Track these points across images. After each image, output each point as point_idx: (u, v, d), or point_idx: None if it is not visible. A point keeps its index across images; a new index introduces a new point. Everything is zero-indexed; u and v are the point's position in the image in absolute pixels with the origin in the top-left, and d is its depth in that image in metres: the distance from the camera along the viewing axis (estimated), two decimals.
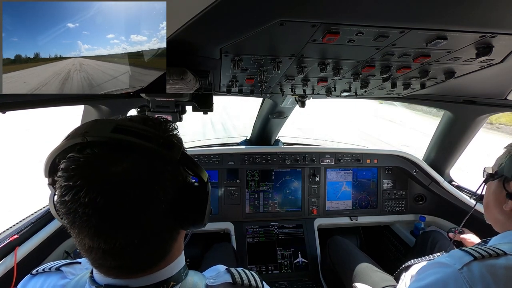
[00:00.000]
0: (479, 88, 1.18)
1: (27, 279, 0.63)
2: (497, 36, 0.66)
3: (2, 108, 0.84)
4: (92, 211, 0.42)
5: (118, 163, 0.44)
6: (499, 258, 0.67)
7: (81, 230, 0.44)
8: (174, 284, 0.53)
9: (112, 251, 0.45)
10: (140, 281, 0.51)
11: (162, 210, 0.48)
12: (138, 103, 1.39)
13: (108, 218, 0.43)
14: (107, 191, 0.43)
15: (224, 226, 2.06)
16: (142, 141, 0.46)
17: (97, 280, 0.51)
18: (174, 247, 0.55)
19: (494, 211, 0.84)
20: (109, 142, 0.45)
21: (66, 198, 0.42)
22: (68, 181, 0.42)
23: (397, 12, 0.57)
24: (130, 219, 0.44)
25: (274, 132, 2.20)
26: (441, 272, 0.69)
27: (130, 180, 0.44)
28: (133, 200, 0.44)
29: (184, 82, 0.81)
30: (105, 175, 0.43)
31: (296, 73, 0.98)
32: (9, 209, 4.07)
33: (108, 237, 0.44)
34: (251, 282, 0.61)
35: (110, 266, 0.48)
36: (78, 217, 0.42)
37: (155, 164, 0.47)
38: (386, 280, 1.39)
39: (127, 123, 0.48)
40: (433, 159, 2.08)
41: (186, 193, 0.51)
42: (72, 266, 0.64)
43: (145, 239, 0.47)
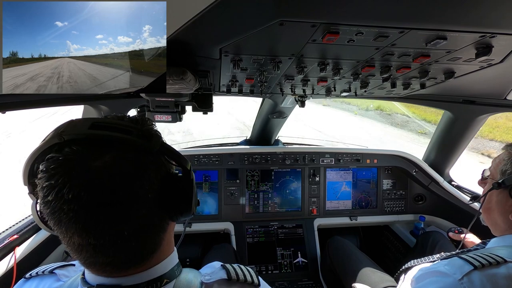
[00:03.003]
0: (479, 88, 1.18)
1: (21, 283, 0.63)
2: (497, 36, 0.66)
3: (2, 108, 0.84)
4: (78, 207, 0.41)
5: (99, 158, 0.43)
6: (499, 266, 0.66)
7: (69, 228, 0.43)
8: (167, 282, 0.53)
9: (103, 246, 0.45)
10: (132, 279, 0.50)
11: (148, 200, 0.47)
12: (138, 103, 1.39)
13: (94, 212, 0.42)
14: (90, 186, 0.42)
15: (224, 226, 2.06)
16: (121, 134, 0.46)
17: (88, 281, 0.51)
18: (164, 240, 0.54)
19: (498, 218, 0.82)
20: (88, 139, 0.45)
21: (49, 198, 0.42)
22: (50, 180, 0.42)
23: (397, 12, 0.57)
24: (117, 212, 0.44)
25: (274, 132, 2.21)
26: (441, 282, 0.68)
27: (113, 173, 0.44)
28: (118, 192, 0.44)
29: (184, 82, 0.81)
30: (87, 170, 0.42)
31: (296, 73, 0.98)
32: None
33: (96, 231, 0.43)
34: (246, 278, 0.60)
35: (102, 263, 0.47)
36: (64, 214, 0.42)
37: (136, 156, 0.47)
38: (386, 281, 1.39)
39: (104, 120, 0.49)
40: (433, 159, 2.09)
41: (170, 182, 0.51)
42: (66, 268, 0.63)
43: (134, 231, 0.46)
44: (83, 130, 0.46)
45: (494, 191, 0.83)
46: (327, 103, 15.11)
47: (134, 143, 0.47)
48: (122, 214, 0.44)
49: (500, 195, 0.82)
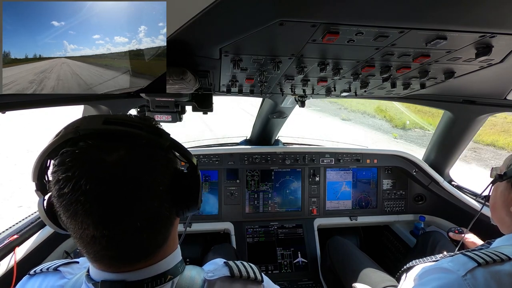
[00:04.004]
0: (479, 88, 1.18)
1: (25, 279, 0.63)
2: (497, 36, 0.66)
3: (2, 108, 0.84)
4: (95, 198, 0.43)
5: (114, 151, 0.45)
6: (503, 263, 0.66)
7: (85, 220, 0.43)
8: (171, 278, 0.54)
9: (116, 237, 0.45)
10: (137, 274, 0.50)
11: (160, 193, 0.49)
12: (138, 103, 1.39)
13: (111, 203, 0.44)
14: (107, 178, 0.43)
15: (224, 226, 2.06)
16: (133, 129, 0.48)
17: (93, 277, 0.51)
18: (171, 235, 0.56)
19: (501, 212, 0.83)
20: (102, 133, 0.47)
21: (65, 190, 0.42)
22: (66, 173, 0.43)
23: (397, 12, 0.57)
24: (133, 203, 0.45)
25: (274, 132, 2.21)
26: (444, 278, 0.68)
27: (128, 165, 0.45)
28: (133, 184, 0.45)
29: (184, 82, 0.81)
30: (103, 163, 0.44)
31: (296, 73, 0.98)
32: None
33: (112, 223, 0.44)
34: (249, 274, 0.61)
35: (112, 256, 0.48)
36: (81, 205, 0.42)
37: (149, 150, 0.49)
38: (387, 280, 1.39)
39: (116, 116, 0.50)
40: (433, 159, 2.09)
41: (179, 177, 0.54)
42: (70, 266, 0.64)
43: (147, 223, 0.48)
44: (97, 125, 0.47)
45: (499, 185, 0.85)
46: (347, 117, 11.86)
47: (146, 138, 0.49)
48: (137, 205, 0.46)
49: (503, 187, 0.83)
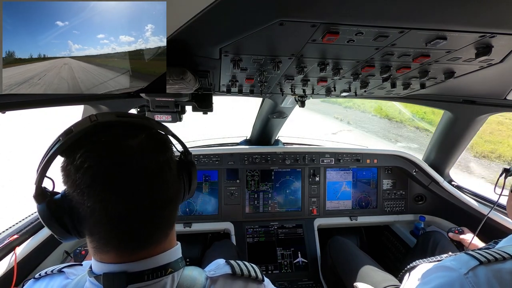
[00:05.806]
0: (479, 88, 1.18)
1: (31, 283, 0.64)
2: (497, 36, 0.66)
3: (2, 108, 0.84)
4: (122, 173, 0.48)
5: (135, 137, 0.51)
6: (505, 262, 0.66)
7: (120, 193, 0.48)
8: (171, 271, 0.55)
9: (137, 213, 0.50)
10: (138, 265, 0.52)
11: (173, 174, 0.56)
12: (138, 103, 1.39)
13: (137, 179, 0.49)
14: (135, 157, 0.49)
15: (224, 226, 2.06)
16: (145, 121, 0.56)
17: (95, 271, 0.53)
18: (172, 230, 0.60)
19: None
20: (120, 123, 0.53)
21: (94, 169, 0.47)
22: (96, 157, 0.47)
23: (397, 12, 0.57)
24: (154, 180, 0.51)
25: (274, 132, 2.20)
26: (446, 276, 0.68)
27: (148, 148, 0.52)
28: (155, 164, 0.51)
29: (184, 82, 0.81)
30: (129, 146, 0.50)
31: (296, 73, 0.98)
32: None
33: (135, 198, 0.49)
34: (250, 273, 0.63)
35: (122, 238, 0.51)
36: (108, 179, 0.47)
37: (162, 137, 0.57)
38: (389, 280, 1.39)
39: (123, 112, 0.57)
40: (433, 159, 2.08)
41: (181, 163, 0.62)
42: (74, 267, 0.66)
43: (165, 202, 0.54)
44: (113, 118, 0.53)
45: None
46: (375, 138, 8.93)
47: (156, 127, 0.57)
48: (157, 183, 0.52)
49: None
